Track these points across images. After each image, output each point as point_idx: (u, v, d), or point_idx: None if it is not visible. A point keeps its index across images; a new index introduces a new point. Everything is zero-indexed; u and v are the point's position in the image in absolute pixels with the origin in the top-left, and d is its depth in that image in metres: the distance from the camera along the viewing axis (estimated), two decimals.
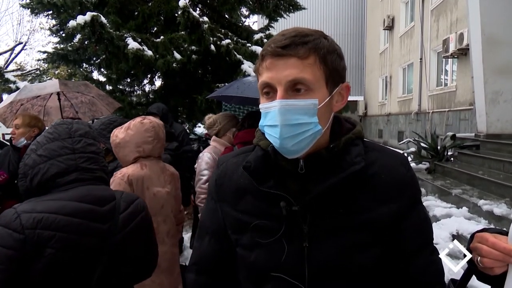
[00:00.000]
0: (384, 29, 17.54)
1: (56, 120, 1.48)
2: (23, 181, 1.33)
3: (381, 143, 18.18)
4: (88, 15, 5.13)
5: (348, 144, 0.92)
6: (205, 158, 3.04)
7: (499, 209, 4.06)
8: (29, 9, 6.96)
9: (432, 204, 5.03)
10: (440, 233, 4.03)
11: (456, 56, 10.13)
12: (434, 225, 4.51)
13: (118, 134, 2.10)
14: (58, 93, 4.55)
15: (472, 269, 0.91)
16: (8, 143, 3.42)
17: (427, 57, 12.52)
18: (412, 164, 7.40)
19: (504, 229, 0.89)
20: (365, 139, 0.97)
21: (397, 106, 16.20)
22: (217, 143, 3.20)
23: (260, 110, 0.89)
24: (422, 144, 7.46)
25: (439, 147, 7.10)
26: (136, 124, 2.10)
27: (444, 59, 11.36)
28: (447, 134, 7.26)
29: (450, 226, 4.10)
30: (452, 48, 9.87)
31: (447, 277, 3.16)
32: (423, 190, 6.13)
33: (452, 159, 7.01)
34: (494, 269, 0.82)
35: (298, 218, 0.89)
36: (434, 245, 0.97)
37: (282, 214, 0.89)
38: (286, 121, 0.83)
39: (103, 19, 5.30)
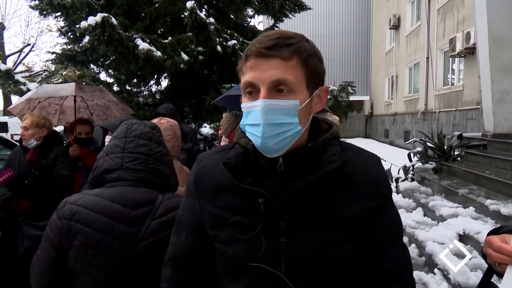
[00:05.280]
0: (390, 29, 17.45)
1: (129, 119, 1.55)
2: (91, 173, 1.44)
3: (387, 142, 18.10)
4: (99, 16, 5.19)
5: (325, 143, 0.95)
6: None
7: (506, 208, 4.04)
8: (38, 11, 7.05)
9: (439, 204, 5.01)
10: (447, 233, 4.02)
11: (463, 55, 10.07)
12: (440, 224, 4.51)
13: None
14: (74, 95, 4.60)
15: (492, 270, 0.92)
16: (18, 144, 3.43)
17: (434, 57, 12.46)
18: (418, 164, 7.37)
19: None
20: (340, 140, 1.02)
21: (404, 105, 16.12)
22: (224, 142, 3.26)
23: (242, 110, 0.91)
24: (429, 144, 7.42)
25: (445, 147, 7.06)
26: None
27: (450, 58, 11.29)
28: (454, 133, 7.22)
29: (457, 226, 4.09)
30: (458, 47, 9.81)
31: (454, 277, 3.15)
32: (429, 190, 6.11)
33: (458, 158, 6.97)
34: None
35: (275, 215, 0.92)
36: (404, 241, 1.03)
37: (260, 210, 0.92)
38: (268, 120, 0.85)
39: (113, 20, 5.36)
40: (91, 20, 5.18)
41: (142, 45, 5.58)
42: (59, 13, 6.93)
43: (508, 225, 0.90)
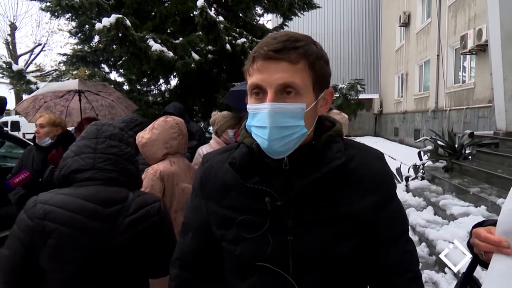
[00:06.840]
0: (400, 26, 17.31)
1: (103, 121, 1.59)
2: (57, 171, 1.45)
3: (397, 141, 17.96)
4: (113, 17, 5.21)
5: (329, 141, 0.97)
6: (201, 153, 3.34)
7: None
8: (49, 12, 7.12)
9: (450, 202, 4.97)
10: (458, 232, 3.98)
11: (474, 53, 9.94)
12: (451, 223, 4.47)
13: (144, 135, 2.19)
14: (79, 94, 4.68)
15: (477, 260, 0.97)
16: (31, 143, 3.48)
17: (444, 54, 12.31)
18: (429, 162, 7.31)
19: None
20: (344, 137, 1.02)
21: (414, 103, 15.98)
22: (214, 140, 3.49)
23: (248, 110, 0.92)
24: (439, 142, 7.35)
25: (456, 145, 6.98)
26: (160, 123, 2.20)
27: (462, 56, 11.15)
28: (465, 132, 7.13)
29: (468, 225, 4.05)
30: (470, 44, 9.68)
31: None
32: (440, 188, 6.06)
33: (470, 157, 6.88)
34: None
35: (282, 213, 0.93)
36: (409, 235, 1.03)
37: (267, 209, 0.93)
38: (275, 123, 0.86)
39: (127, 21, 5.39)
40: (105, 21, 5.21)
41: (155, 46, 5.61)
42: (69, 14, 6.99)
43: (492, 219, 0.95)
